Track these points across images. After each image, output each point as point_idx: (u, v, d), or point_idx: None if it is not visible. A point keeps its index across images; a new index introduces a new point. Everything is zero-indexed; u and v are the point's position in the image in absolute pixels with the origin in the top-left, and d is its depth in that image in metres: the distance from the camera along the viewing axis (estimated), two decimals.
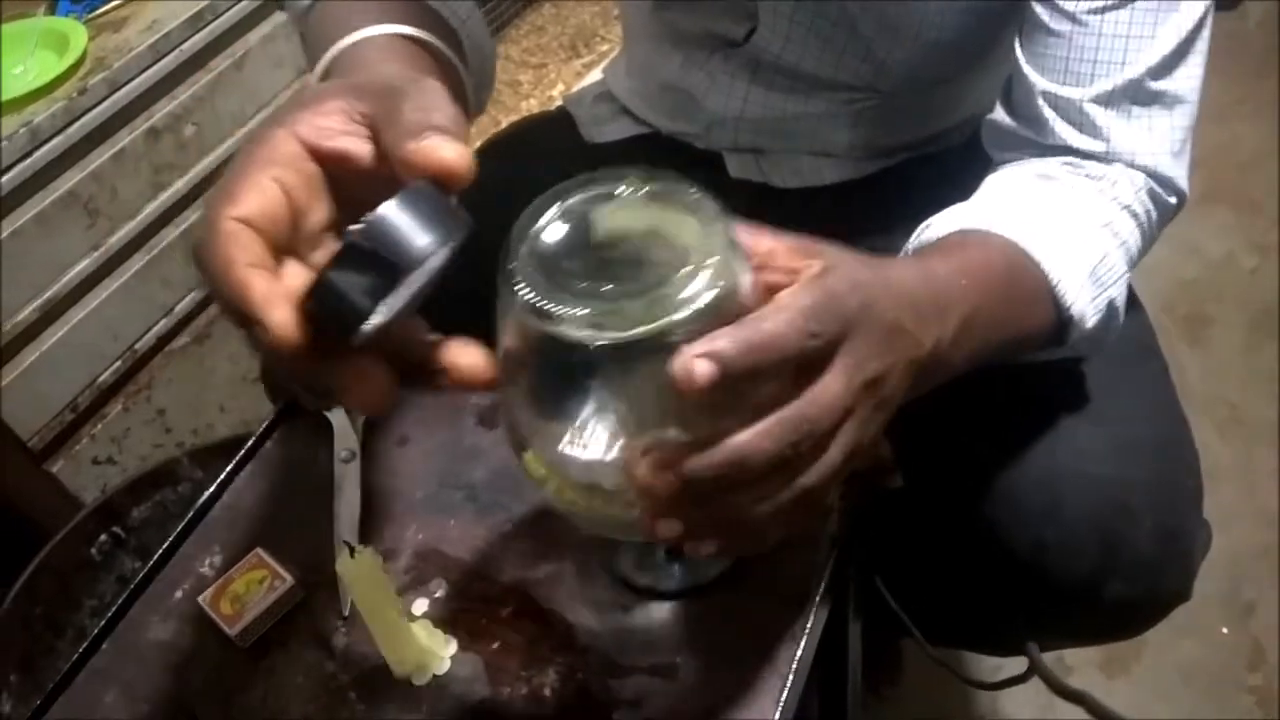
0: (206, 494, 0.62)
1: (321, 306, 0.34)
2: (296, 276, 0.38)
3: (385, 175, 0.38)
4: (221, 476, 0.63)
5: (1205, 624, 1.19)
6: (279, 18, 1.19)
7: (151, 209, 1.10)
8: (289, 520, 0.61)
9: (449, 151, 0.37)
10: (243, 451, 0.64)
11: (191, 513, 0.62)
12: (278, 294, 0.35)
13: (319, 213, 0.40)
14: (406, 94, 0.39)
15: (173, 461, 1.13)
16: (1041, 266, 0.54)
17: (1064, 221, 0.57)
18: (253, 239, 0.37)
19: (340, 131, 0.40)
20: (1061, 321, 0.56)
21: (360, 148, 0.40)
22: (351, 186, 0.40)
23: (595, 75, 1.86)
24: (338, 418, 0.64)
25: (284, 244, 0.38)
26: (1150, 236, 0.61)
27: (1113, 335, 0.60)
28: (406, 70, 0.49)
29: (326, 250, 0.40)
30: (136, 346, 1.12)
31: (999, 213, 0.56)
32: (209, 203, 0.38)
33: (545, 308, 0.37)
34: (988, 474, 0.66)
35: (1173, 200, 0.63)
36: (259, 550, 0.58)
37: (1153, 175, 0.61)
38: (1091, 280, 0.56)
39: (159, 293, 1.13)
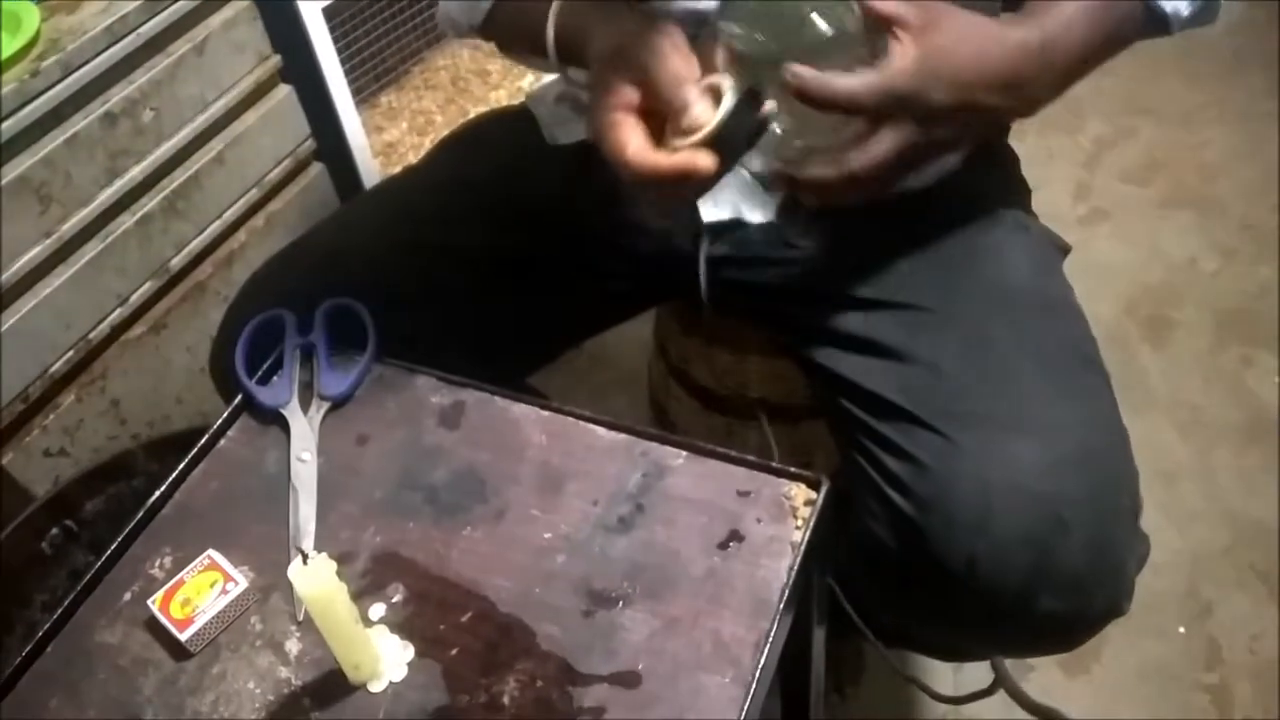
0: (158, 493, 0.61)
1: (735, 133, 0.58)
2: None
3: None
4: (174, 475, 0.61)
5: (1163, 624, 1.21)
6: (241, 2, 1.16)
7: (106, 195, 1.06)
8: (243, 521, 0.60)
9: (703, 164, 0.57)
10: (196, 449, 0.63)
11: (142, 512, 0.60)
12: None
13: None
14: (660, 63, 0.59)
15: (127, 454, 1.10)
16: None
17: None
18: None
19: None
20: (1158, 17, 0.67)
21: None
22: None
23: None
24: (295, 415, 0.63)
25: None
26: None
27: (1214, 12, 0.70)
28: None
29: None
30: (90, 336, 1.09)
31: None
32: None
33: None
34: (921, 482, 0.66)
35: None
36: (211, 552, 0.57)
37: None
38: None
39: (114, 281, 1.10)
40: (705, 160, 0.57)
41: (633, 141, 0.58)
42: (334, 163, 1.38)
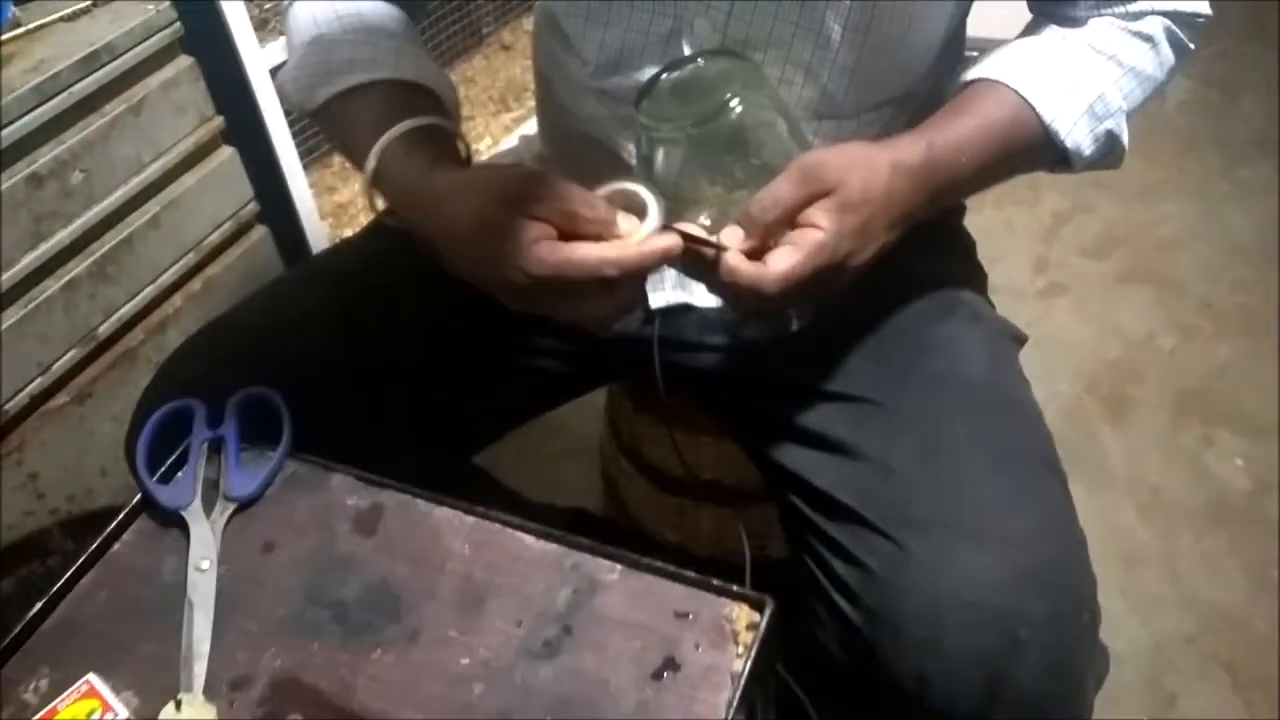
0: (37, 606, 0.55)
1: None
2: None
3: None
4: (57, 586, 0.56)
5: (1127, 714, 1.17)
6: (182, 61, 1.12)
7: (30, 259, 1.01)
8: (132, 638, 0.54)
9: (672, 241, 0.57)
10: (84, 556, 0.57)
11: (19, 627, 0.54)
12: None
13: None
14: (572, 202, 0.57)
15: (43, 532, 1.04)
16: (1037, 110, 0.68)
17: (1067, 66, 0.71)
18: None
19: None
20: (1060, 152, 0.70)
21: None
22: None
23: (522, 132, 1.82)
24: (196, 518, 0.57)
25: None
26: (1166, 63, 0.73)
27: (1117, 157, 0.74)
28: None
29: None
30: (6, 407, 1.03)
31: (1011, 64, 0.71)
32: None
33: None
34: (870, 591, 0.62)
35: (1191, 35, 0.74)
36: (91, 676, 0.51)
37: (1174, 16, 0.73)
38: (1088, 115, 0.70)
39: (35, 349, 1.04)
40: (672, 238, 0.56)
41: (588, 248, 0.55)
42: (279, 226, 1.33)
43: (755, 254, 0.58)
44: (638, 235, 0.55)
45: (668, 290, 0.81)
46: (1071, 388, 1.55)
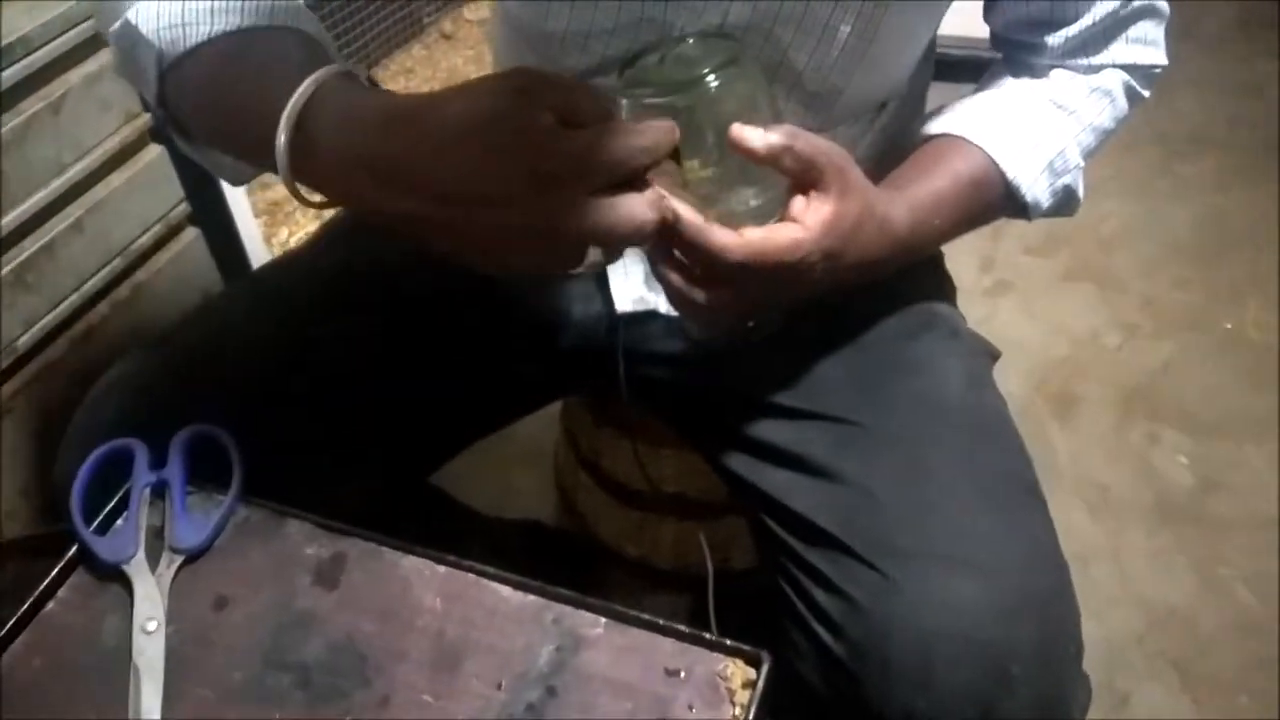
0: None
1: None
2: None
3: None
4: None
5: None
6: (105, 55, 1.05)
7: None
8: (70, 709, 0.49)
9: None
10: (16, 616, 0.52)
11: None
12: None
13: None
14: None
15: None
16: (1002, 168, 0.69)
17: (1030, 122, 0.72)
18: None
19: None
20: (1019, 204, 0.72)
21: None
22: None
23: None
24: (140, 573, 0.53)
25: None
26: (1120, 115, 0.75)
27: (1073, 209, 0.76)
28: None
29: None
30: None
31: (978, 120, 0.71)
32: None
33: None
34: (855, 623, 0.60)
35: (1145, 85, 0.77)
36: None
37: (1132, 69, 0.75)
38: (1048, 171, 0.71)
39: None
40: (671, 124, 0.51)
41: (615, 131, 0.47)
42: (211, 226, 1.27)
43: None
44: None
45: (633, 293, 0.78)
46: (1021, 387, 1.56)
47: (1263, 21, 2.42)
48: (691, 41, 0.62)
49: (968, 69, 0.86)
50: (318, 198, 0.54)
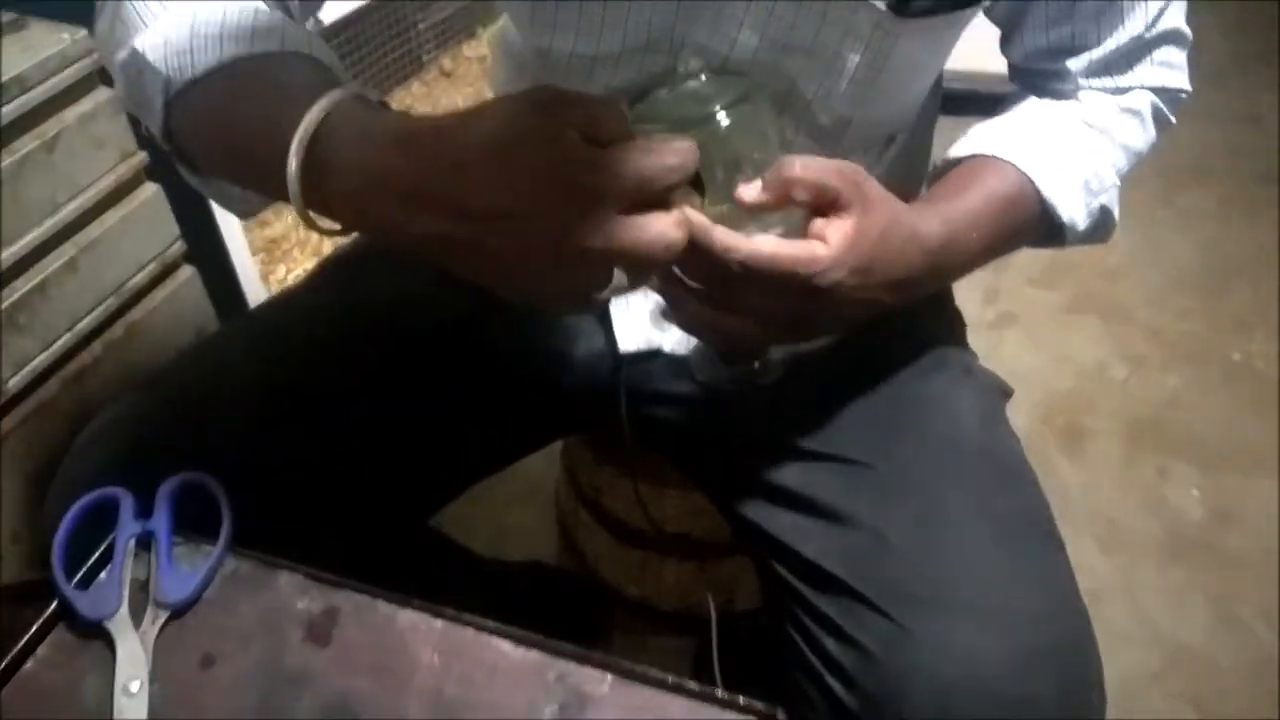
0: None
1: None
2: None
3: None
4: None
5: None
6: (101, 93, 1.04)
7: None
8: None
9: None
10: None
11: None
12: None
13: None
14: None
15: None
16: (1038, 186, 0.66)
17: (1064, 141, 0.69)
18: None
19: None
20: (1055, 227, 0.69)
21: None
22: None
23: None
24: (123, 630, 0.50)
25: None
26: (1149, 138, 0.74)
27: (1108, 231, 0.74)
28: None
29: None
30: None
31: (1010, 139, 0.69)
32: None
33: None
34: (868, 675, 0.58)
35: (1172, 110, 0.76)
36: None
37: (1159, 91, 0.73)
38: (1084, 190, 0.68)
39: None
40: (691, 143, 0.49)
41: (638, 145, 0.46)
42: (207, 265, 1.25)
43: None
44: None
45: (638, 332, 0.77)
46: (1027, 419, 1.54)
47: (1261, 55, 2.42)
48: (704, 78, 0.61)
49: (975, 103, 0.85)
50: (330, 224, 0.52)
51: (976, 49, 0.77)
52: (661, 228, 0.46)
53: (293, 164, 0.48)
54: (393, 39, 1.89)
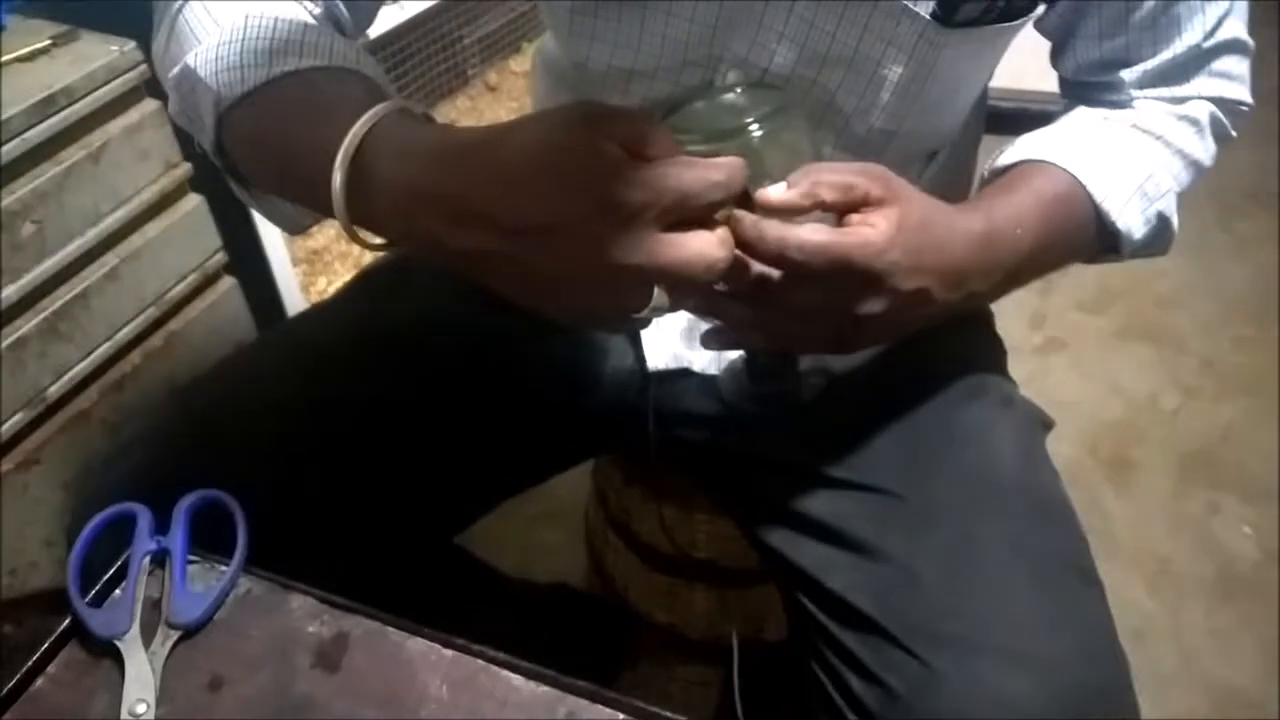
0: None
1: None
2: None
3: None
4: None
5: None
6: (147, 105, 1.06)
7: None
8: None
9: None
10: (4, 691, 0.49)
11: None
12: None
13: None
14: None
15: None
16: (1088, 189, 0.63)
17: (1115, 145, 0.66)
18: None
19: None
20: (1110, 234, 0.65)
21: None
22: None
23: None
24: (133, 650, 0.50)
25: None
26: (1210, 150, 0.71)
27: (1166, 242, 0.70)
28: None
29: None
30: None
31: (1057, 143, 0.66)
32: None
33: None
34: (892, 715, 0.56)
35: (1233, 123, 0.72)
36: None
37: (1218, 102, 0.70)
38: (1139, 196, 0.65)
39: None
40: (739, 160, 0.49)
41: (686, 162, 0.45)
42: (248, 276, 1.26)
43: None
44: None
45: (667, 350, 0.76)
46: (1072, 449, 1.50)
47: None
48: (739, 91, 0.60)
49: (1024, 122, 0.82)
50: (375, 239, 0.52)
51: (1027, 65, 0.75)
52: (701, 246, 0.45)
53: (337, 178, 0.48)
54: (438, 53, 1.90)
